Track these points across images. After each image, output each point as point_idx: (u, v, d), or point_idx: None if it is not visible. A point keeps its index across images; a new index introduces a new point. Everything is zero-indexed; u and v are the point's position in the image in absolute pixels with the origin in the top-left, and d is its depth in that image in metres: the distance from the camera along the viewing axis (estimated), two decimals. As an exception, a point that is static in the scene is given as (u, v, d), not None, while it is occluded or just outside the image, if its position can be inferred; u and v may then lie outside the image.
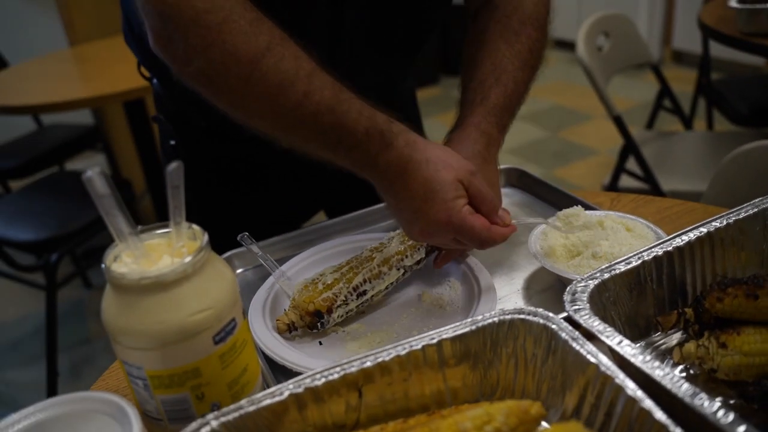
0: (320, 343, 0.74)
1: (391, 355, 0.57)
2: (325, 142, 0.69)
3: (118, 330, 0.56)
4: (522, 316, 0.60)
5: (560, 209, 0.95)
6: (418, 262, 0.81)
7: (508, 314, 0.61)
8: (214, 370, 0.58)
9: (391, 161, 0.69)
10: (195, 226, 0.60)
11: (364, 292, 0.76)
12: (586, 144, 3.22)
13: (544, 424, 0.59)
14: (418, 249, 0.81)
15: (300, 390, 0.55)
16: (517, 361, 0.61)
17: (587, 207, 0.90)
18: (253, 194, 1.05)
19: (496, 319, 0.60)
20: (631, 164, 1.77)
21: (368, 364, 0.56)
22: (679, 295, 0.70)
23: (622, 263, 0.66)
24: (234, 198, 1.06)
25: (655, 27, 4.11)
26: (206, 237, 0.58)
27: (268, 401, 0.54)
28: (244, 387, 0.62)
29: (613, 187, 1.82)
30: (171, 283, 0.55)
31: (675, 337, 0.69)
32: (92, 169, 0.53)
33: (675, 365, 0.65)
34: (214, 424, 0.52)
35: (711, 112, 2.29)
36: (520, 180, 1.05)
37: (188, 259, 0.56)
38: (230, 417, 0.53)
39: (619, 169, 1.79)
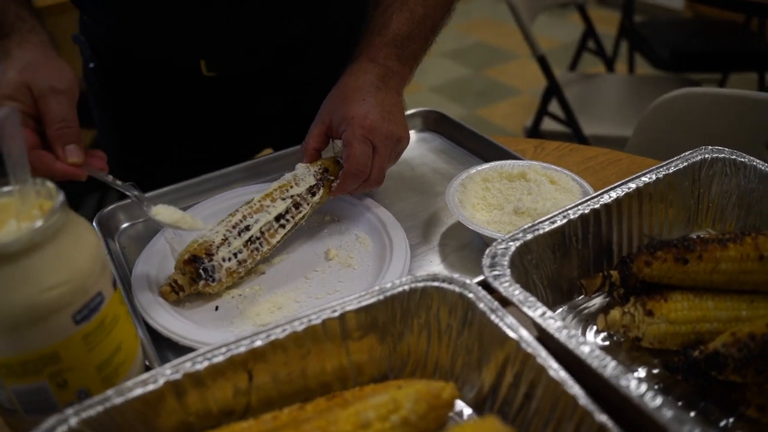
0: (216, 309, 0.66)
1: (286, 332, 0.50)
2: None
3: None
4: (436, 284, 0.54)
5: (482, 157, 0.89)
6: (311, 192, 0.73)
7: (420, 281, 0.54)
8: (76, 353, 0.49)
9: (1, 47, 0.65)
10: (49, 184, 0.49)
11: (248, 227, 0.67)
12: (511, 84, 3.18)
13: (459, 402, 0.54)
14: (307, 177, 0.73)
15: (178, 376, 0.47)
16: (430, 333, 0.55)
17: (510, 156, 0.85)
18: (179, 126, 0.94)
19: (407, 287, 0.54)
20: (554, 107, 1.74)
21: (259, 343, 0.49)
22: (605, 255, 0.66)
23: (547, 222, 0.61)
24: (161, 130, 0.95)
25: (581, -35, 4.06)
26: (61, 196, 0.48)
27: (139, 391, 0.46)
28: (117, 368, 0.53)
29: (535, 130, 1.78)
30: (17, 254, 0.45)
31: (598, 301, 0.65)
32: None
33: (598, 332, 0.61)
34: (73, 421, 0.44)
35: (632, 55, 2.28)
36: (439, 124, 0.98)
37: (38, 224, 0.45)
38: (93, 412, 0.44)
39: (542, 111, 1.75)
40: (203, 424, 0.49)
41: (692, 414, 0.53)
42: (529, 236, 0.59)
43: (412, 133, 0.98)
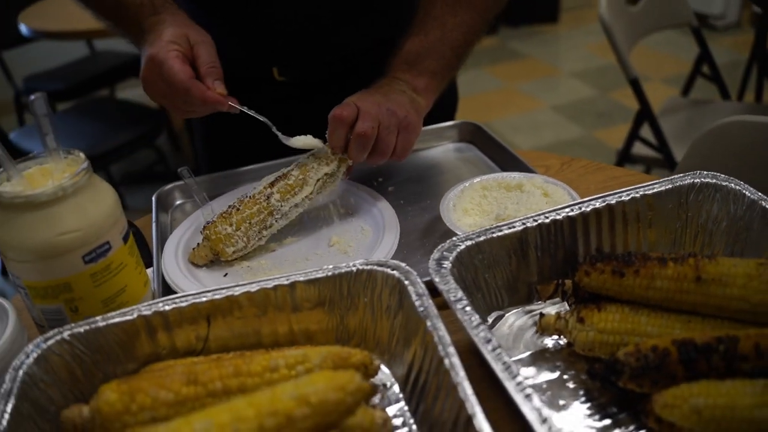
0: (225, 275, 0.78)
1: (241, 291, 0.60)
2: (113, 19, 0.87)
3: (1, 244, 0.61)
4: (381, 269, 0.62)
5: (504, 169, 0.94)
6: (330, 176, 0.83)
7: (368, 265, 0.62)
8: (85, 286, 0.63)
9: (153, 22, 0.81)
10: (78, 154, 0.64)
11: (269, 226, 0.79)
12: (634, 107, 3.06)
13: (386, 372, 0.61)
14: (327, 163, 0.83)
15: (149, 312, 0.58)
16: (374, 312, 0.63)
17: (525, 169, 0.89)
18: (246, 125, 1.08)
19: (355, 268, 0.62)
20: (648, 132, 1.69)
21: (218, 297, 0.59)
22: (568, 264, 0.69)
23: (506, 227, 0.66)
24: (232, 127, 1.09)
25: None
26: (85, 164, 0.62)
27: (117, 319, 0.58)
28: (122, 306, 0.66)
29: (626, 153, 1.74)
30: (42, 204, 0.59)
31: (556, 307, 0.68)
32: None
33: (540, 335, 0.64)
34: (66, 334, 0.57)
35: (762, 82, 2.13)
36: (474, 136, 1.04)
37: (60, 182, 0.59)
38: (81, 329, 0.57)
39: (633, 135, 1.71)
40: (170, 357, 0.60)
41: (606, 421, 0.56)
42: (482, 238, 0.65)
43: (449, 144, 1.04)
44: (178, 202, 0.95)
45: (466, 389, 0.48)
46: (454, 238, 0.65)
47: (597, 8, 1.61)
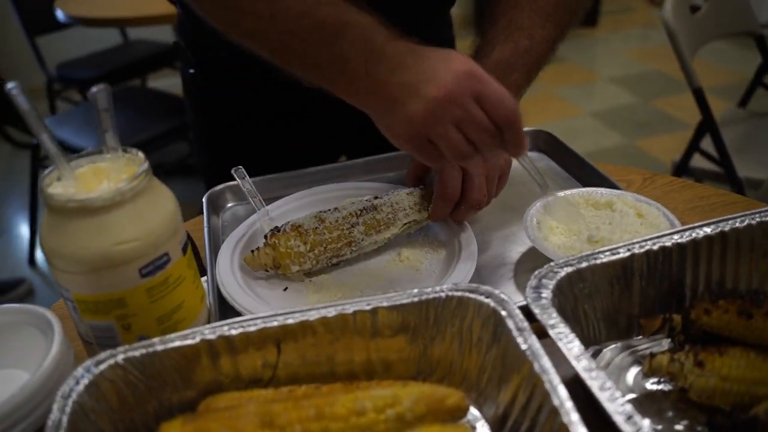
0: (285, 289, 0.71)
1: (317, 316, 0.53)
2: (322, 35, 0.64)
3: (48, 250, 0.55)
4: (473, 295, 0.55)
5: (584, 183, 0.87)
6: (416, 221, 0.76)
7: (458, 290, 0.55)
8: (140, 302, 0.56)
9: (405, 45, 0.63)
10: (138, 153, 0.58)
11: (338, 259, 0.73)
12: (677, 116, 2.96)
13: (480, 421, 0.54)
14: (419, 210, 0.76)
15: (213, 337, 0.52)
16: (461, 343, 0.56)
17: (610, 185, 0.81)
18: (272, 131, 1.02)
19: (443, 293, 0.55)
20: (709, 144, 1.60)
21: (291, 321, 0.53)
22: (674, 296, 0.61)
23: (608, 252, 0.59)
24: (254, 133, 1.03)
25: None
26: (145, 165, 0.56)
27: (178, 343, 0.52)
28: (177, 324, 0.60)
29: (683, 166, 1.65)
30: (98, 209, 0.53)
31: (663, 343, 0.61)
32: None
33: (645, 376, 0.57)
34: (120, 358, 0.50)
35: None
36: (547, 144, 0.96)
37: (118, 186, 0.53)
38: (137, 353, 0.51)
39: (692, 147, 1.62)
40: (233, 386, 0.54)
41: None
42: (584, 264, 0.57)
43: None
44: (229, 205, 0.89)
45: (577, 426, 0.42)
46: (552, 264, 0.57)
47: (637, 13, 1.54)
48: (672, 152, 2.70)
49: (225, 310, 0.67)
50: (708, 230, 0.60)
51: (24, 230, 2.55)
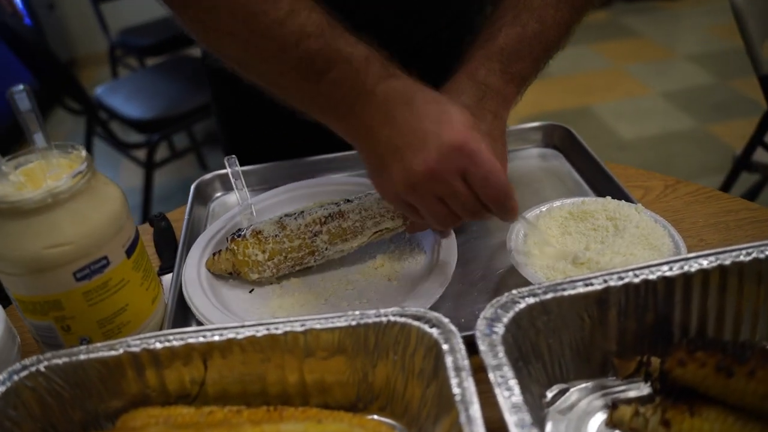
0: (251, 291, 0.68)
1: (244, 334, 0.50)
2: (307, 70, 0.58)
3: (-12, 249, 0.54)
4: (417, 323, 0.50)
5: (595, 189, 0.79)
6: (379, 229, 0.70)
7: (403, 316, 0.50)
8: (77, 305, 0.55)
9: (397, 88, 0.57)
10: (81, 151, 0.55)
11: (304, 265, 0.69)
12: (758, 99, 2.71)
13: (409, 454, 0.49)
14: (392, 218, 0.69)
15: (137, 349, 0.50)
16: (404, 372, 0.51)
17: (622, 195, 0.73)
18: (283, 118, 0.98)
19: (386, 318, 0.51)
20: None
21: (216, 338, 0.50)
22: (660, 334, 0.54)
23: (581, 283, 0.52)
24: (264, 119, 1.00)
25: None
26: (83, 165, 0.53)
27: (102, 353, 0.50)
28: (121, 327, 0.58)
29: (745, 160, 1.50)
30: (29, 211, 0.51)
31: (643, 387, 0.54)
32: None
33: (608, 426, 0.51)
34: (42, 366, 0.49)
35: None
36: (563, 142, 0.88)
37: (51, 187, 0.51)
38: (60, 361, 0.49)
39: (756, 140, 1.47)
40: (160, 399, 0.52)
41: None
42: (549, 295, 0.51)
43: (530, 148, 0.89)
44: (218, 194, 0.86)
45: None
46: (514, 292, 0.51)
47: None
48: (744, 139, 2.50)
49: (186, 311, 0.65)
50: (704, 263, 0.53)
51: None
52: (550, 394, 0.53)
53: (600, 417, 0.52)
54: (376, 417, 0.53)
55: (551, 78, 3.09)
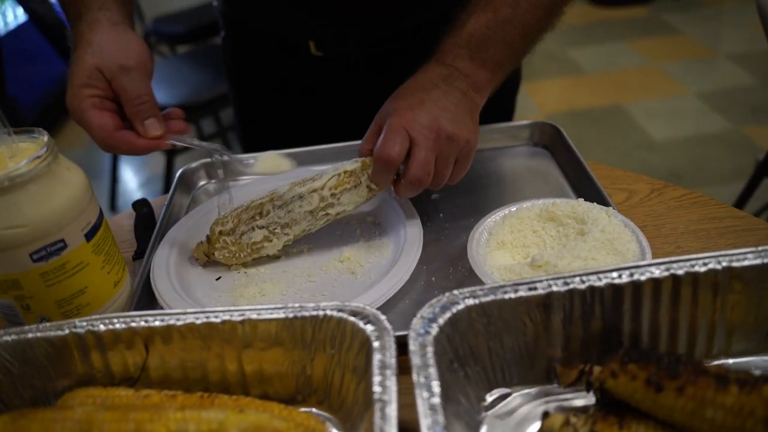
0: (218, 279, 0.69)
1: (184, 321, 0.51)
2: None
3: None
4: (353, 319, 0.50)
5: (576, 188, 0.77)
6: (336, 190, 0.68)
7: (340, 310, 0.51)
8: (35, 285, 0.57)
9: (83, 30, 0.67)
10: (43, 135, 0.57)
11: (258, 227, 0.69)
12: (801, 104, 2.61)
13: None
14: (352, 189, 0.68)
15: (82, 330, 0.51)
16: (342, 367, 0.51)
17: (600, 199, 0.71)
18: (299, 104, 1.00)
19: (320, 312, 0.51)
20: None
21: (157, 323, 0.51)
22: (609, 343, 0.53)
23: (524, 286, 0.51)
24: (281, 105, 1.02)
25: None
26: (42, 150, 0.55)
27: (49, 333, 0.51)
28: (79, 309, 0.60)
29: (766, 166, 1.44)
30: (-15, 194, 0.53)
31: (589, 395, 0.53)
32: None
33: (542, 433, 0.50)
34: (-8, 342, 0.51)
35: None
36: (552, 140, 0.86)
37: (5, 170, 0.53)
38: (9, 338, 0.51)
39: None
40: (105, 380, 0.53)
41: None
42: (489, 298, 0.50)
43: (518, 147, 0.88)
44: (202, 183, 0.87)
45: None
46: (455, 292, 0.51)
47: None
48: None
49: (153, 296, 0.66)
50: (656, 272, 0.51)
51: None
52: (490, 398, 0.53)
53: (539, 425, 0.51)
54: (314, 410, 0.53)
55: (582, 75, 3.03)
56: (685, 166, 2.32)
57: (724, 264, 0.51)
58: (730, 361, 0.53)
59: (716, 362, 0.53)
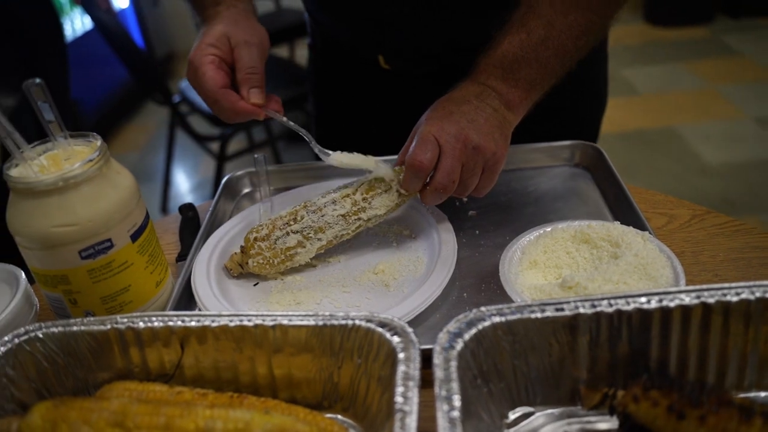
0: (255, 284, 0.72)
1: (218, 323, 0.53)
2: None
3: (7, 223, 0.60)
4: (381, 330, 0.51)
5: (613, 211, 0.77)
6: (369, 196, 0.72)
7: (369, 321, 0.52)
8: (83, 281, 0.60)
9: (210, 14, 0.77)
10: (97, 140, 0.60)
11: (293, 231, 0.71)
12: None
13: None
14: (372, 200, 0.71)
15: (123, 326, 0.54)
16: (368, 377, 0.53)
17: (638, 223, 0.71)
18: (377, 116, 1.03)
19: (351, 321, 0.52)
20: None
21: (193, 324, 0.53)
22: (635, 366, 0.52)
23: (552, 307, 0.51)
24: (359, 114, 1.05)
25: None
26: (95, 153, 0.58)
27: (92, 327, 0.54)
28: (122, 305, 0.63)
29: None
30: (41, 192, 0.57)
31: (613, 418, 0.52)
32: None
33: (564, 453, 0.50)
34: (40, 332, 0.54)
35: None
36: (593, 162, 0.85)
37: (61, 171, 0.56)
38: (56, 329, 0.54)
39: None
40: (142, 375, 0.56)
41: None
42: (516, 317, 0.51)
43: (558, 167, 0.88)
44: (246, 190, 0.90)
45: None
46: (482, 309, 0.52)
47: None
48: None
49: (193, 297, 0.69)
50: (685, 299, 0.50)
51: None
52: (512, 416, 0.53)
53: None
54: (339, 417, 0.55)
55: (636, 95, 2.98)
56: (740, 192, 2.25)
57: (758, 294, 0.50)
58: (762, 394, 0.52)
59: (748, 395, 0.52)
